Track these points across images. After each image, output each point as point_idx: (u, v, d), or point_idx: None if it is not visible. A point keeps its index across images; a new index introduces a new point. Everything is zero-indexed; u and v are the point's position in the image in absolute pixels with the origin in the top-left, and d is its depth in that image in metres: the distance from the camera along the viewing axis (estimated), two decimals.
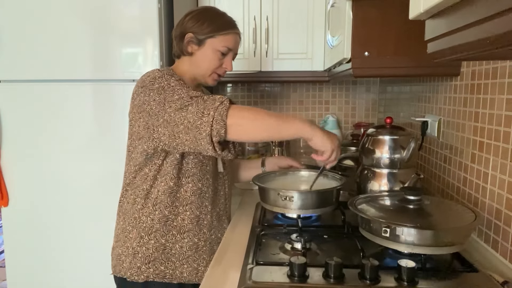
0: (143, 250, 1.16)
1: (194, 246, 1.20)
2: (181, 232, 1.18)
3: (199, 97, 1.02)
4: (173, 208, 1.17)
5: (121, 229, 1.21)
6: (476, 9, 0.55)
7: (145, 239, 1.16)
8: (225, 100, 1.01)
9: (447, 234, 0.90)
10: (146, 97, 1.07)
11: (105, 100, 1.75)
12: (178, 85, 1.07)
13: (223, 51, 1.21)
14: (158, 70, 1.13)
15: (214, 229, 1.25)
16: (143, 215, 1.17)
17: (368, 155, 1.25)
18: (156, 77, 1.09)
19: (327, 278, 0.86)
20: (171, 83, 1.07)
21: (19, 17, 1.72)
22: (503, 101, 0.99)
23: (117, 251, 1.21)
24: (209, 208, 1.23)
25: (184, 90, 1.05)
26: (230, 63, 1.25)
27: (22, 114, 1.77)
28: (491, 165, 1.05)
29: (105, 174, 1.75)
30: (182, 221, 1.18)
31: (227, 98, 1.02)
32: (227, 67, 1.25)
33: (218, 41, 1.19)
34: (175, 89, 1.05)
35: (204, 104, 1.00)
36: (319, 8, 1.90)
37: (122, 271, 1.18)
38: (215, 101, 1.00)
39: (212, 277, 0.95)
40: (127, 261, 1.17)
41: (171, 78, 1.09)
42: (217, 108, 0.98)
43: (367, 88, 2.36)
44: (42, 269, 1.84)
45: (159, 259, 1.17)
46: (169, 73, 1.12)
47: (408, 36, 1.19)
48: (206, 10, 1.24)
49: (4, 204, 1.82)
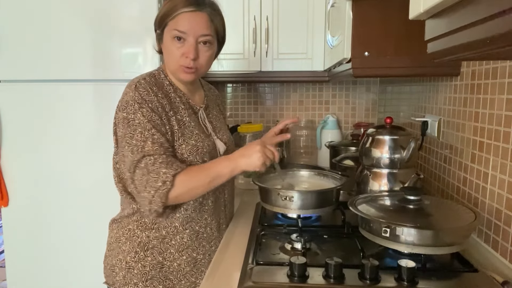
0: (139, 266, 1.11)
1: (192, 261, 1.15)
2: (180, 250, 1.13)
3: (149, 160, 1.01)
4: (172, 228, 1.12)
5: (114, 238, 1.16)
6: (476, 9, 0.55)
7: (140, 254, 1.11)
8: (168, 179, 0.99)
9: (447, 234, 0.90)
10: (117, 121, 1.07)
11: (105, 100, 1.75)
12: (141, 124, 1.02)
13: (176, 35, 1.06)
14: (134, 88, 1.06)
15: (214, 240, 1.20)
16: (138, 229, 1.12)
17: (368, 155, 1.25)
18: (128, 103, 1.04)
19: (327, 278, 0.85)
20: (136, 119, 1.03)
21: (19, 17, 1.72)
22: (503, 101, 0.99)
23: (110, 261, 1.16)
24: (208, 220, 1.18)
25: (141, 138, 1.02)
26: (192, 49, 1.06)
27: (22, 114, 1.77)
28: (491, 165, 1.05)
29: (105, 174, 1.73)
30: (181, 240, 1.13)
31: (172, 175, 1.00)
32: (187, 54, 1.06)
33: (170, 28, 1.07)
34: (136, 130, 1.02)
35: (148, 176, 1.00)
36: (319, 8, 1.89)
37: (115, 284, 1.13)
38: (158, 179, 0.99)
39: (212, 277, 0.95)
40: (121, 275, 1.12)
41: (139, 109, 1.03)
42: (158, 189, 0.99)
43: (367, 88, 2.36)
44: (42, 269, 1.84)
45: (156, 278, 1.12)
46: (143, 95, 1.05)
47: (408, 36, 1.19)
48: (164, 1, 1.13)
49: (4, 204, 1.82)
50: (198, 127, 1.16)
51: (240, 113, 2.42)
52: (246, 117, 2.42)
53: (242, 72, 1.96)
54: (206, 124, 1.21)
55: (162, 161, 1.01)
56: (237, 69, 1.94)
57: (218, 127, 1.26)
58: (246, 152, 1.07)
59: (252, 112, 2.42)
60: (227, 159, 1.08)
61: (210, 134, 1.20)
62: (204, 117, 1.21)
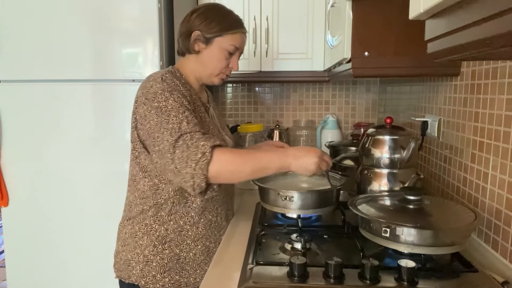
0: (157, 259, 1.15)
1: (206, 250, 1.21)
2: (195, 240, 1.18)
3: (186, 137, 1.02)
4: (188, 218, 1.17)
5: (129, 233, 1.18)
6: (476, 9, 0.55)
7: (158, 248, 1.15)
8: (207, 150, 1.00)
9: (447, 234, 0.90)
10: (147, 112, 1.08)
11: (105, 100, 1.75)
12: (174, 109, 1.06)
13: (230, 50, 1.19)
14: (161, 80, 1.10)
15: (223, 230, 1.26)
16: (156, 223, 1.15)
17: (368, 155, 1.25)
18: (157, 93, 1.08)
19: (327, 278, 0.86)
20: (169, 105, 1.06)
21: (19, 17, 1.71)
22: (503, 101, 0.99)
23: (124, 256, 1.18)
24: (219, 210, 1.24)
25: (177, 121, 1.04)
26: (237, 63, 1.24)
27: (22, 114, 1.77)
28: (491, 165, 1.05)
29: (105, 174, 1.75)
30: (197, 229, 1.18)
31: (210, 147, 1.01)
32: (233, 67, 1.23)
33: (226, 40, 1.18)
34: (170, 115, 1.05)
35: (188, 152, 1.01)
36: (319, 8, 1.89)
37: (132, 278, 1.16)
38: (198, 151, 1.00)
39: (212, 277, 0.95)
40: (138, 268, 1.15)
41: (170, 96, 1.08)
42: (198, 161, 0.99)
43: (367, 88, 2.36)
44: (42, 269, 1.84)
45: (174, 269, 1.16)
46: (171, 85, 1.10)
47: (408, 36, 1.19)
48: (213, 8, 1.22)
49: (4, 204, 1.82)
50: (212, 123, 1.23)
51: (240, 113, 2.42)
52: (246, 117, 2.42)
53: (242, 72, 1.95)
54: (215, 122, 1.28)
55: (199, 137, 1.03)
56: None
57: (222, 125, 1.34)
58: (302, 156, 1.07)
59: (252, 112, 2.42)
60: (280, 153, 1.09)
61: (219, 130, 1.28)
62: (213, 115, 1.29)
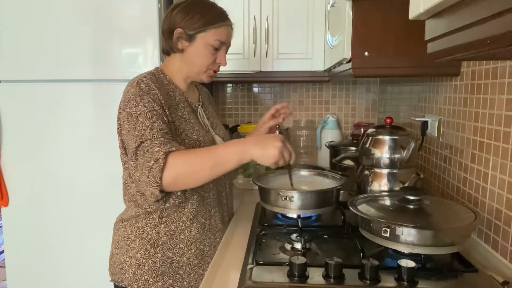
0: (150, 263, 1.12)
1: (200, 254, 1.18)
2: (189, 244, 1.15)
3: (146, 144, 1.00)
4: (180, 223, 1.14)
5: (122, 236, 1.17)
6: (476, 9, 0.55)
7: (150, 251, 1.13)
8: (160, 157, 0.96)
9: (447, 234, 0.90)
10: (122, 118, 1.07)
11: (105, 100, 1.75)
12: (142, 115, 1.03)
13: (216, 45, 1.14)
14: (136, 84, 1.07)
15: (219, 232, 1.23)
16: (148, 226, 1.13)
17: (368, 155, 1.25)
18: (130, 98, 1.06)
19: (327, 278, 0.85)
20: (138, 111, 1.03)
21: (19, 17, 1.72)
22: (503, 101, 0.99)
23: (118, 259, 1.17)
24: (212, 212, 1.21)
25: (142, 127, 1.02)
26: (224, 58, 1.19)
27: (22, 114, 1.77)
28: (491, 165, 1.05)
29: (105, 174, 1.75)
30: (190, 233, 1.15)
31: (164, 153, 0.97)
32: (221, 62, 1.18)
33: (209, 35, 1.13)
34: (138, 121, 1.03)
35: (143, 159, 0.98)
36: (319, 8, 1.89)
37: (125, 281, 1.14)
38: (151, 158, 0.97)
39: (212, 277, 0.95)
40: (130, 272, 1.13)
41: (141, 101, 1.04)
42: (151, 169, 0.96)
43: (367, 88, 2.36)
44: (42, 269, 1.84)
45: (167, 273, 1.13)
46: (144, 90, 1.06)
47: (408, 36, 1.19)
48: (194, 2, 1.15)
49: (4, 204, 1.82)
50: (198, 123, 1.19)
51: (240, 113, 2.42)
52: (246, 117, 2.42)
53: (242, 72, 1.95)
54: (204, 121, 1.25)
55: (157, 143, 0.99)
56: (237, 69, 1.94)
57: (215, 123, 1.30)
58: (263, 142, 0.99)
59: (252, 112, 2.42)
60: (237, 143, 1.01)
61: (208, 130, 1.24)
62: (202, 114, 1.25)
